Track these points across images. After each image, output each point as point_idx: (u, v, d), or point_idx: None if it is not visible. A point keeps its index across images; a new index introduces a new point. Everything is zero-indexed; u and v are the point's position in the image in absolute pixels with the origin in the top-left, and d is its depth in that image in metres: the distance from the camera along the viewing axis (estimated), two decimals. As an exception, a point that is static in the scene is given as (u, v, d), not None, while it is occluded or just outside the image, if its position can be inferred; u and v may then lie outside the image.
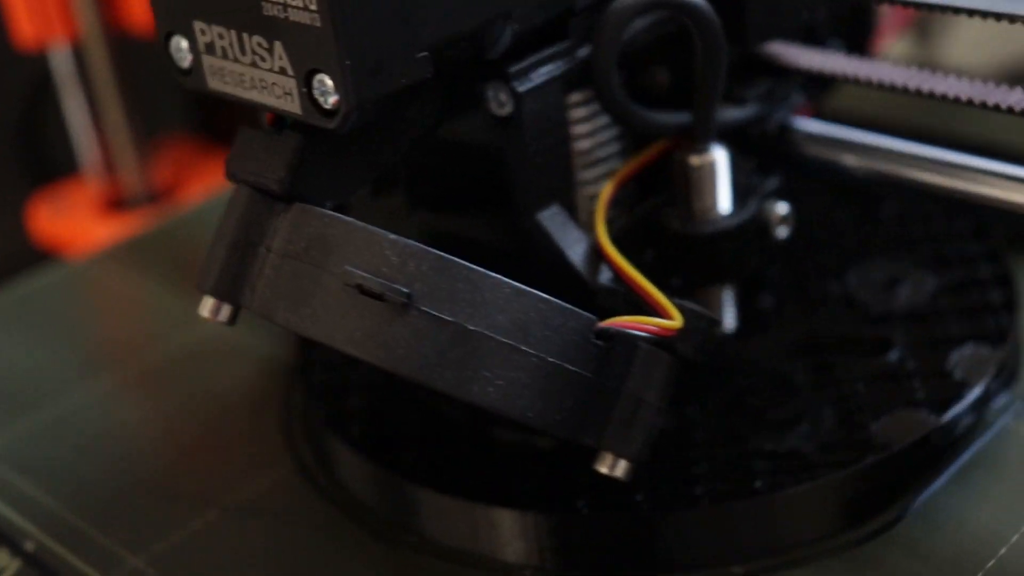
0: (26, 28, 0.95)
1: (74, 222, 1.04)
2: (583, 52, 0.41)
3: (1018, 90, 0.41)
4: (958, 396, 0.44)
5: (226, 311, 0.39)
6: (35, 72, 1.04)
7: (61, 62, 1.00)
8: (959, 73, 0.43)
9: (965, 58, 1.00)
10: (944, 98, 0.43)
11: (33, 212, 1.05)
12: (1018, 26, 0.40)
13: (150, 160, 1.06)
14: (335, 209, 0.39)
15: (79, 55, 0.99)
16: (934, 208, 0.53)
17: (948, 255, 0.51)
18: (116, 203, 1.05)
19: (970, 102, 0.42)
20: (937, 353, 0.46)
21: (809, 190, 0.53)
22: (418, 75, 0.37)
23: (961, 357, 0.46)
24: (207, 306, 0.39)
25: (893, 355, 0.47)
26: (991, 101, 0.41)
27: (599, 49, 0.40)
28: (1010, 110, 0.41)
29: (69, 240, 1.02)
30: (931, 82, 0.43)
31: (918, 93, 0.43)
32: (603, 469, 0.39)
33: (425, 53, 0.37)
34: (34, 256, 0.98)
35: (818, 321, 0.49)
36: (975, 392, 0.44)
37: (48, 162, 1.10)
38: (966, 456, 0.44)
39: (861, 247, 0.52)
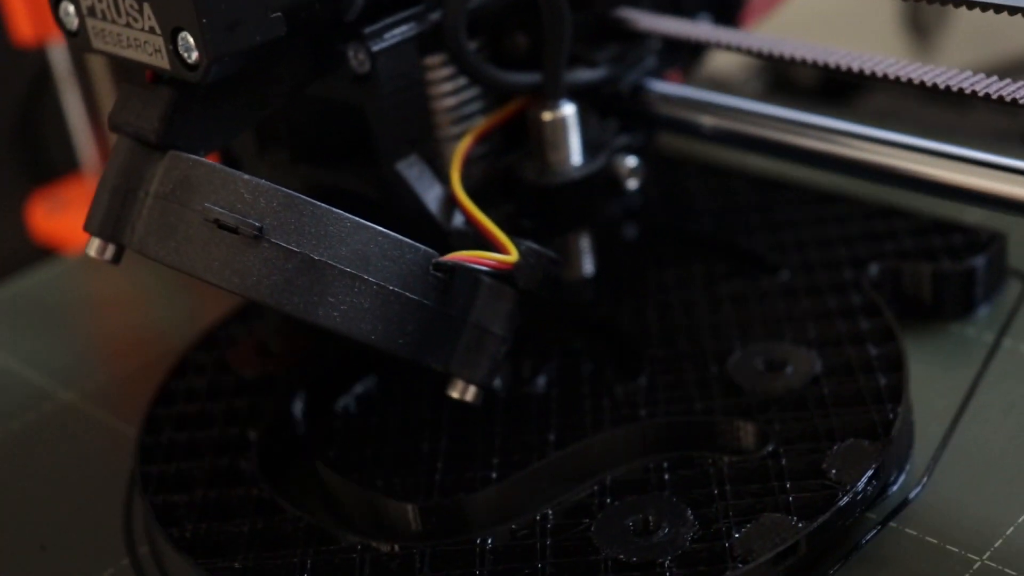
0: (25, 24, 0.97)
1: (73, 219, 1.06)
2: (435, 16, 0.45)
3: (853, 53, 0.45)
4: (831, 500, 0.41)
5: (110, 250, 0.43)
6: (34, 68, 1.07)
7: (60, 59, 1.03)
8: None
9: (959, 54, 1.03)
10: (792, 61, 0.46)
11: (32, 209, 1.08)
12: (1007, 24, 0.42)
13: (147, 157, 1.08)
14: (222, 161, 0.43)
15: (78, 52, 1.02)
16: (824, 280, 0.51)
17: (837, 333, 0.48)
18: (114, 201, 1.08)
19: (810, 62, 0.45)
20: (814, 448, 0.43)
21: (695, 259, 0.53)
22: (272, 33, 0.41)
23: (839, 453, 0.42)
24: (93, 246, 0.43)
25: (767, 450, 0.43)
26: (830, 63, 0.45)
27: (448, 12, 0.44)
28: (850, 71, 0.45)
29: (68, 237, 1.05)
30: (768, 45, 0.46)
31: (759, 55, 0.47)
32: (455, 394, 0.42)
33: (279, 14, 0.41)
34: (33, 253, 1.00)
35: (690, 409, 0.46)
36: (849, 495, 0.41)
37: (47, 160, 1.13)
38: (839, 566, 0.41)
39: (744, 324, 0.49)
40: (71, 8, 0.43)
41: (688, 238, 0.55)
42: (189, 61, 0.40)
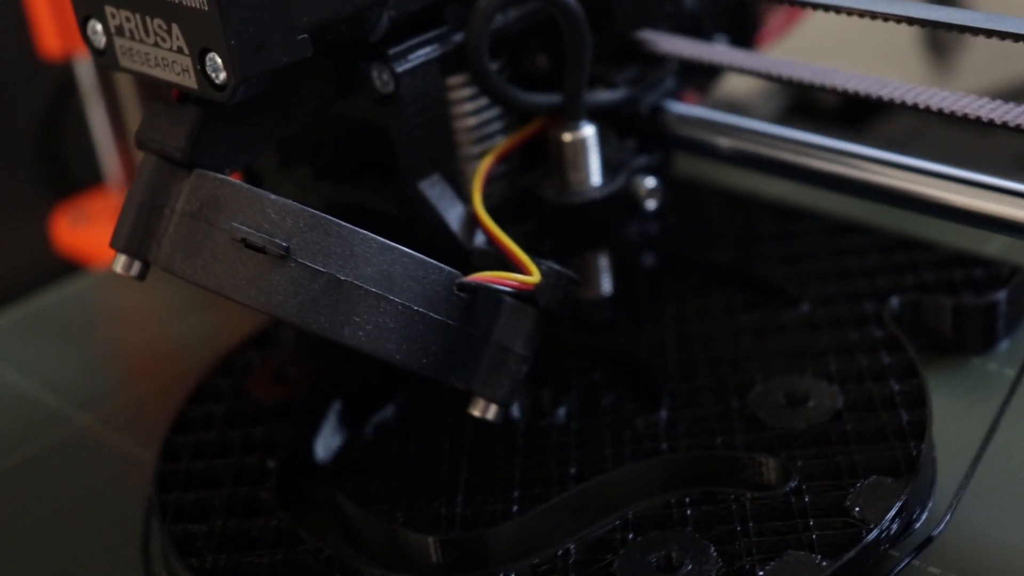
0: (51, 38, 0.96)
1: (97, 233, 1.05)
2: (458, 37, 0.46)
3: (860, 76, 0.45)
4: (855, 537, 0.41)
5: (136, 267, 0.44)
6: (58, 81, 1.07)
7: (85, 72, 1.03)
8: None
9: (979, 75, 1.03)
10: (811, 86, 0.46)
11: (56, 223, 1.08)
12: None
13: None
14: (245, 178, 0.43)
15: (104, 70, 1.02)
16: (844, 313, 0.51)
17: (859, 368, 0.47)
18: (138, 215, 1.07)
19: (829, 87, 0.46)
20: (837, 484, 0.43)
21: (714, 289, 0.53)
22: (298, 55, 0.41)
23: (863, 490, 0.42)
24: (119, 262, 0.44)
25: (789, 486, 0.43)
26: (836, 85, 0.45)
27: (471, 34, 0.45)
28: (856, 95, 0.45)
29: (92, 251, 1.05)
30: (779, 68, 0.47)
31: (778, 80, 0.47)
32: (476, 413, 0.43)
33: (305, 35, 0.41)
34: (57, 267, 1.00)
35: (711, 443, 0.45)
36: (874, 533, 0.41)
37: (71, 173, 1.13)
38: None
39: (765, 357, 0.49)
40: (99, 27, 0.44)
41: (707, 268, 0.55)
42: (217, 81, 0.41)
